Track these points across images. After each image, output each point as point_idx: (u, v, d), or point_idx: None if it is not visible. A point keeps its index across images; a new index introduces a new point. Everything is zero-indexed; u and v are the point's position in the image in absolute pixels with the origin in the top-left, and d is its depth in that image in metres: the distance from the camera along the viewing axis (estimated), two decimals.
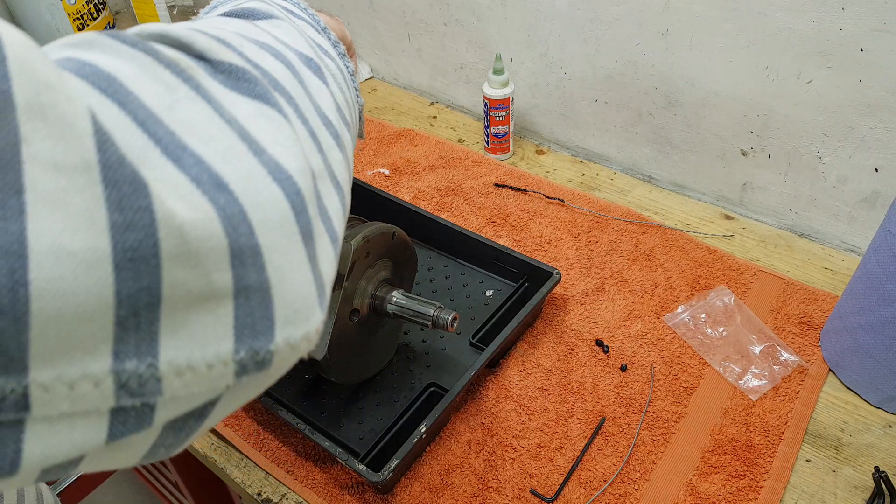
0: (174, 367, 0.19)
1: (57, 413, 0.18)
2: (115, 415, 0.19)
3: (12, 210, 0.16)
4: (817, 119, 0.81)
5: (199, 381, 0.20)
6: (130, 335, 0.18)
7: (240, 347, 0.21)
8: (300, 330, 0.23)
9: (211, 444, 0.71)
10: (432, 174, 1.02)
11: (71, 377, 0.17)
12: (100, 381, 0.18)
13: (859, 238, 0.86)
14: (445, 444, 0.69)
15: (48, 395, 0.17)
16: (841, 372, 0.71)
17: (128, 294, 0.18)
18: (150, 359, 0.19)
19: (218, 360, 0.20)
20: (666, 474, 0.65)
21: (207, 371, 0.20)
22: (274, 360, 0.22)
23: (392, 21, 1.20)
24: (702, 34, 0.84)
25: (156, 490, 1.42)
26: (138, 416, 0.19)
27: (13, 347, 0.16)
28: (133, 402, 0.19)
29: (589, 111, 1.02)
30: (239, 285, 0.21)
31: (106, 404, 0.18)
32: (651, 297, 0.81)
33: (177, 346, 0.19)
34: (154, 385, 0.19)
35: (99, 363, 0.18)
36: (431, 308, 0.65)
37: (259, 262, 0.21)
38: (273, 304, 0.22)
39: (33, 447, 0.18)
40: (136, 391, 0.19)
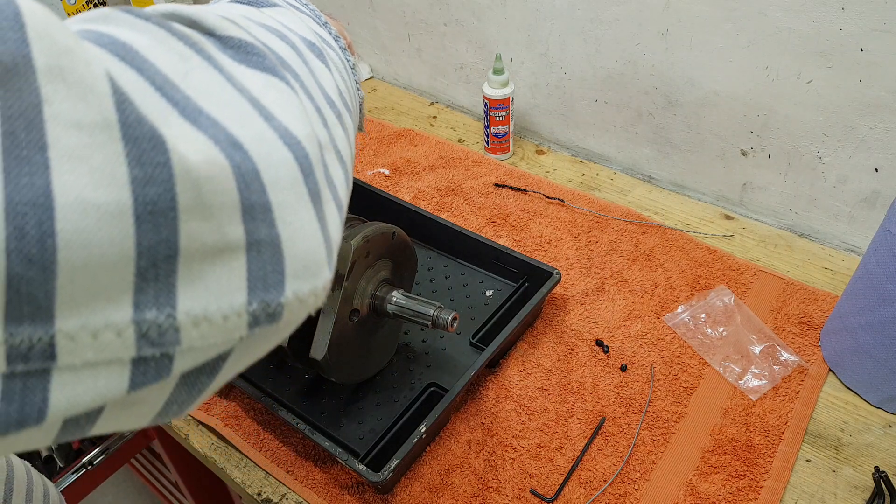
0: (191, 317, 0.20)
1: (81, 362, 0.18)
2: (136, 365, 0.20)
3: (37, 165, 0.17)
4: (817, 119, 0.81)
5: (215, 331, 0.21)
6: (150, 286, 0.19)
7: (252, 299, 0.22)
8: (309, 284, 0.24)
9: (211, 444, 0.71)
10: (432, 174, 1.02)
11: (95, 326, 0.18)
12: (122, 330, 0.19)
13: (859, 238, 0.86)
14: (445, 444, 0.69)
15: (73, 345, 0.18)
16: (841, 372, 0.71)
17: (148, 245, 0.19)
18: (168, 309, 0.20)
19: (232, 312, 0.21)
20: (666, 474, 0.65)
21: (223, 322, 0.21)
22: (284, 313, 0.23)
23: (392, 21, 1.20)
24: (702, 34, 0.84)
25: (156, 490, 1.42)
26: (158, 367, 0.20)
27: (41, 297, 0.17)
28: (153, 351, 0.20)
29: (589, 111, 1.02)
30: (251, 239, 0.22)
31: (128, 354, 0.19)
32: (651, 297, 0.81)
33: (194, 298, 0.20)
34: (173, 335, 0.20)
35: (121, 313, 0.19)
36: (431, 308, 0.65)
37: (270, 217, 0.22)
38: (284, 259, 0.23)
39: (59, 396, 0.18)
40: (156, 341, 0.20)
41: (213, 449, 0.71)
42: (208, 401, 0.74)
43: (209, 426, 0.72)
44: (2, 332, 0.17)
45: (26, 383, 0.18)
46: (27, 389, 0.18)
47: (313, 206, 0.25)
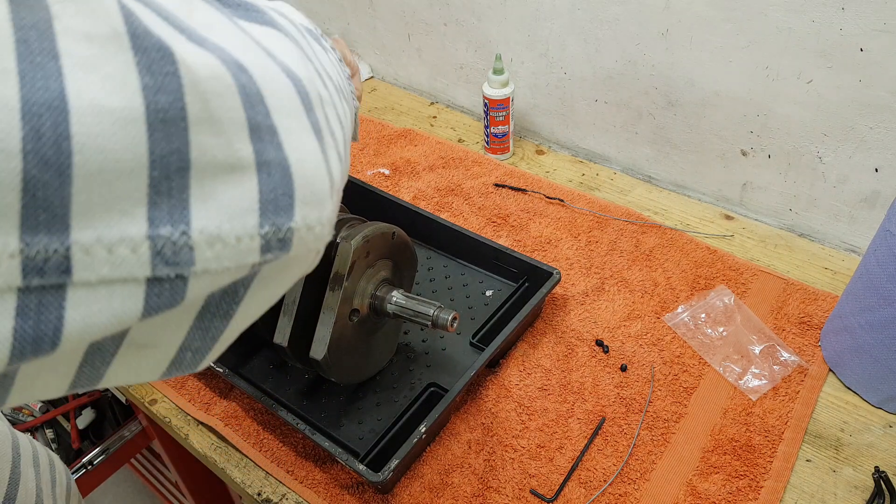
0: (206, 236, 0.20)
1: (97, 278, 0.18)
2: (151, 285, 0.20)
3: (51, 71, 0.17)
4: (817, 119, 0.81)
5: (229, 253, 0.21)
6: (164, 200, 0.19)
7: (264, 222, 0.22)
8: (316, 212, 0.24)
9: (211, 445, 0.71)
10: (432, 174, 1.02)
11: (110, 240, 0.18)
12: (137, 246, 0.19)
13: (859, 238, 0.86)
14: (445, 444, 0.69)
15: (89, 259, 0.18)
16: (841, 372, 0.71)
17: (160, 154, 0.19)
18: (183, 226, 0.20)
19: (245, 233, 0.21)
20: (666, 474, 0.65)
21: (236, 243, 0.21)
22: (294, 240, 0.23)
23: (392, 21, 1.20)
24: (702, 34, 0.84)
25: (156, 490, 1.42)
26: (172, 290, 0.20)
27: (56, 203, 0.17)
28: (168, 271, 0.20)
29: (589, 111, 1.02)
30: (260, 159, 0.22)
31: (143, 272, 0.19)
32: (651, 297, 0.81)
33: (207, 216, 0.20)
34: (187, 254, 0.20)
35: (136, 227, 0.19)
36: (431, 308, 0.65)
37: (276, 140, 0.23)
38: (293, 182, 0.23)
39: (74, 315, 0.18)
40: (171, 259, 0.20)
41: (213, 449, 0.71)
42: (208, 401, 0.74)
43: (209, 426, 0.72)
44: (18, 241, 0.17)
45: (42, 299, 0.18)
46: (42, 306, 0.18)
47: (316, 139, 0.25)
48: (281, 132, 0.23)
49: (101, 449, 1.10)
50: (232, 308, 0.24)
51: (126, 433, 1.11)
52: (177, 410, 0.74)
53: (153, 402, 0.75)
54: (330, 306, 0.63)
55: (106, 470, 1.11)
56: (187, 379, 0.76)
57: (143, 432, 1.12)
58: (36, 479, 0.55)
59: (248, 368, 0.77)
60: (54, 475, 0.59)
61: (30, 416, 1.19)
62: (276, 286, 0.25)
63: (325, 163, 0.25)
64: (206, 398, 0.74)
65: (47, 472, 0.58)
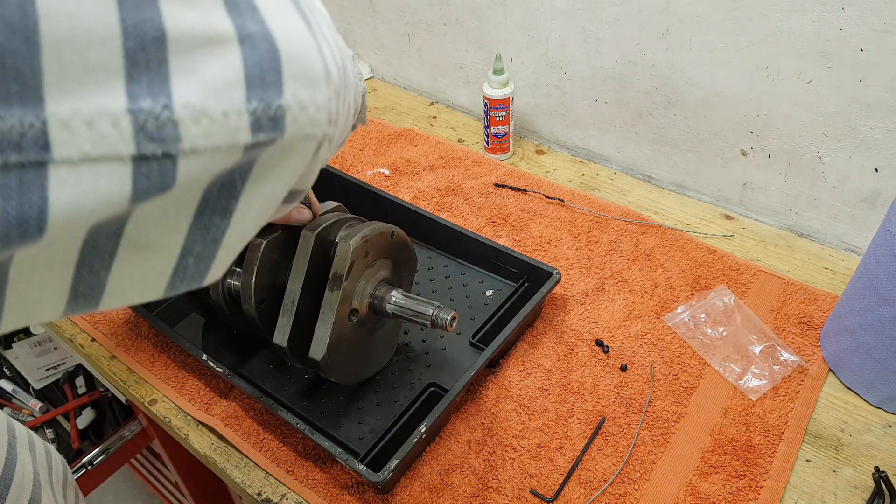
0: (189, 110, 0.20)
1: (79, 155, 0.18)
2: (138, 164, 0.19)
3: None
4: (817, 119, 0.81)
5: (216, 130, 0.20)
6: (142, 73, 0.19)
7: (251, 97, 0.21)
8: (308, 90, 0.23)
9: (211, 445, 0.71)
10: (432, 174, 1.02)
11: (88, 113, 0.18)
12: (117, 119, 0.18)
13: (859, 238, 0.86)
14: (445, 444, 0.69)
15: (67, 133, 0.18)
16: (841, 372, 0.71)
17: (132, 23, 0.18)
18: (164, 99, 0.19)
19: (232, 109, 0.21)
20: (666, 474, 0.65)
21: (223, 119, 0.21)
22: (286, 119, 0.22)
23: (392, 21, 1.20)
24: (702, 34, 0.84)
25: (156, 490, 1.42)
26: (161, 169, 0.20)
27: (27, 73, 0.17)
28: (153, 148, 0.19)
29: (589, 111, 1.02)
30: (241, 32, 0.21)
31: (127, 149, 0.19)
32: (651, 297, 0.81)
33: (189, 90, 0.20)
34: (172, 129, 0.19)
35: (115, 100, 0.18)
36: (431, 308, 0.65)
37: (258, 16, 0.22)
38: (280, 57, 0.22)
39: (59, 194, 0.18)
40: (155, 135, 0.19)
41: (213, 449, 0.71)
42: (208, 401, 0.74)
43: (209, 426, 0.72)
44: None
45: (22, 178, 0.17)
46: (24, 185, 0.17)
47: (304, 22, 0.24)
48: (261, 9, 0.22)
49: (101, 449, 1.10)
50: (231, 204, 0.23)
51: (126, 433, 1.11)
52: (177, 410, 0.74)
53: (153, 402, 0.75)
54: (329, 306, 0.63)
55: (106, 470, 1.11)
56: (187, 379, 0.76)
57: (143, 432, 1.12)
58: (33, 462, 0.54)
59: (248, 368, 0.77)
60: (51, 463, 0.58)
61: (30, 416, 1.19)
62: (275, 180, 0.24)
63: (316, 44, 0.24)
64: (206, 398, 0.75)
65: (44, 458, 0.57)
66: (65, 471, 0.62)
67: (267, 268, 0.67)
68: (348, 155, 1.08)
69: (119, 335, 0.82)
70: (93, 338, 0.82)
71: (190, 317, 0.84)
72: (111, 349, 0.81)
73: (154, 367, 0.78)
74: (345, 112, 0.27)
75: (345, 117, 0.28)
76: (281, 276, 0.69)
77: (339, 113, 0.26)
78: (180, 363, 0.78)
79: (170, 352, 0.80)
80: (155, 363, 0.79)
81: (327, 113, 0.24)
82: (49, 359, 1.27)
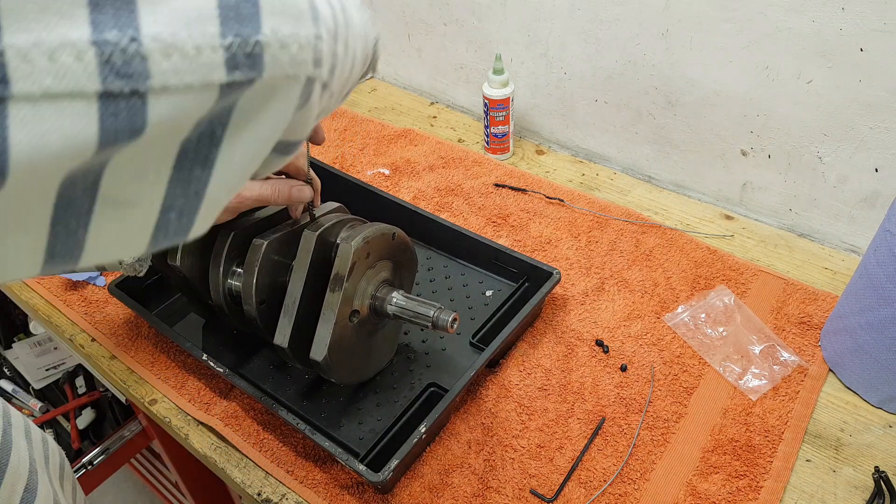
0: (159, 43, 0.18)
1: (40, 90, 0.17)
2: (104, 102, 0.18)
3: None
4: (817, 119, 0.81)
5: (189, 66, 0.19)
6: (107, 2, 0.18)
7: (226, 31, 0.20)
8: (290, 26, 0.22)
9: (211, 444, 0.71)
10: (432, 174, 1.02)
11: (49, 45, 0.17)
12: (81, 52, 0.17)
13: (859, 238, 0.86)
14: (445, 444, 0.69)
15: (28, 66, 0.17)
16: (841, 372, 0.71)
17: None
18: (131, 31, 0.18)
19: (205, 43, 0.19)
20: (666, 474, 0.65)
21: (196, 54, 0.19)
22: (265, 57, 0.21)
23: (392, 21, 1.20)
24: (702, 34, 0.84)
25: (156, 490, 1.42)
26: (130, 109, 0.19)
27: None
28: (120, 84, 0.18)
29: (589, 111, 1.02)
30: None
31: (91, 84, 0.18)
32: (651, 297, 0.81)
33: (158, 21, 0.18)
34: (140, 64, 0.18)
35: (77, 31, 0.17)
36: (431, 309, 0.65)
37: None
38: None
39: (20, 134, 0.17)
40: (122, 70, 0.18)
41: (213, 449, 0.71)
42: (208, 401, 0.74)
43: (209, 426, 0.72)
44: None
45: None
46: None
47: None
48: None
49: (101, 449, 1.10)
50: (211, 153, 0.21)
51: (126, 433, 1.11)
52: (177, 410, 0.74)
53: (153, 402, 0.75)
54: (330, 307, 0.63)
55: (106, 470, 1.12)
56: (187, 379, 0.76)
57: (143, 432, 1.12)
58: (29, 450, 0.53)
59: (248, 368, 0.77)
60: (47, 452, 0.58)
61: (30, 416, 1.19)
62: (259, 127, 0.23)
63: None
64: (206, 398, 0.75)
65: (40, 447, 0.56)
66: (62, 462, 0.61)
67: (268, 268, 0.67)
68: (348, 155, 1.08)
69: (119, 335, 0.82)
70: (93, 338, 0.82)
71: (190, 317, 0.84)
72: (111, 349, 0.81)
73: (154, 367, 0.78)
74: (343, 56, 0.26)
75: (344, 62, 0.26)
76: (282, 277, 0.69)
77: (336, 56, 0.25)
78: (180, 363, 0.78)
79: (170, 352, 0.80)
80: (155, 363, 0.79)
81: (313, 52, 0.23)
82: (49, 359, 1.27)
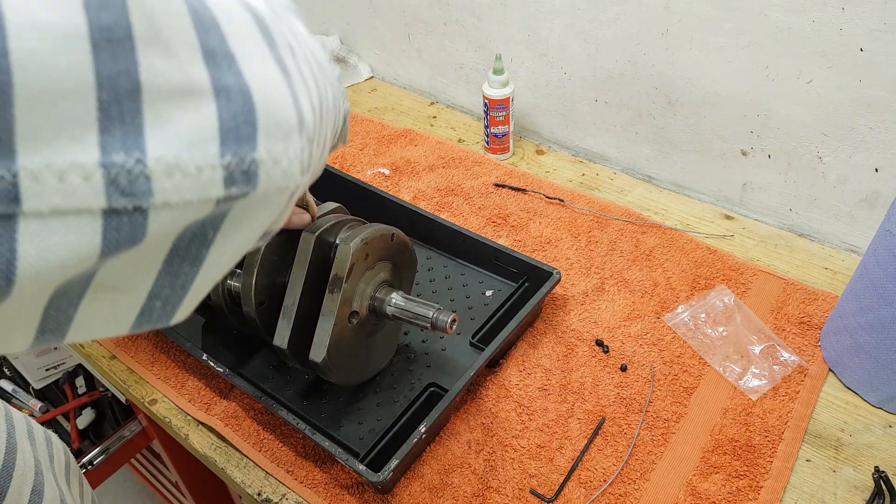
0: (162, 164, 0.19)
1: (49, 208, 0.18)
2: (108, 218, 0.19)
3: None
4: (817, 119, 0.81)
5: (189, 184, 0.20)
6: (115, 126, 0.19)
7: (225, 151, 0.21)
8: (281, 145, 0.23)
9: (211, 445, 0.71)
10: (432, 174, 1.02)
11: (60, 167, 0.18)
12: (89, 173, 0.18)
13: (859, 238, 0.86)
14: (445, 444, 0.69)
15: (38, 186, 0.17)
16: (841, 372, 0.71)
17: (107, 75, 0.18)
18: (137, 153, 0.19)
19: (205, 163, 0.20)
20: (666, 474, 0.65)
21: (196, 174, 0.20)
22: (259, 173, 0.22)
23: (392, 21, 1.20)
24: (702, 34, 0.84)
25: (156, 490, 1.42)
26: (132, 223, 0.19)
27: (0, 125, 0.17)
28: (125, 202, 0.19)
29: (589, 111, 1.02)
30: (217, 84, 0.21)
31: (97, 203, 0.18)
32: (651, 297, 0.81)
33: (163, 143, 0.19)
34: (144, 184, 0.19)
35: (87, 154, 0.18)
36: (430, 310, 0.65)
37: (235, 67, 0.22)
38: (255, 110, 0.22)
39: (28, 248, 0.18)
40: (127, 189, 0.19)
41: (213, 449, 0.71)
42: (208, 401, 0.74)
43: (209, 426, 0.72)
44: None
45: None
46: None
47: (280, 72, 0.24)
48: (239, 60, 0.22)
49: (101, 449, 1.10)
50: (202, 253, 0.23)
51: (126, 433, 1.11)
52: (177, 410, 0.74)
53: (153, 402, 0.75)
54: (329, 308, 0.63)
55: (106, 470, 1.12)
56: (187, 379, 0.76)
57: (143, 432, 1.12)
58: (33, 451, 0.53)
59: (248, 368, 0.77)
60: (52, 451, 0.58)
61: (30, 415, 1.19)
62: (247, 230, 0.24)
63: (291, 93, 0.24)
64: (206, 398, 0.75)
65: (44, 447, 0.57)
66: (68, 459, 0.61)
67: (267, 269, 0.67)
68: (348, 155, 1.08)
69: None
70: None
71: (190, 317, 0.84)
72: (111, 349, 0.81)
73: (154, 367, 0.78)
74: (319, 152, 0.27)
75: (319, 156, 0.28)
76: (281, 278, 0.69)
77: (313, 157, 0.26)
78: (180, 363, 0.78)
79: (170, 352, 0.80)
80: (155, 363, 0.79)
81: (300, 164, 0.24)
82: (49, 359, 1.27)
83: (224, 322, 0.82)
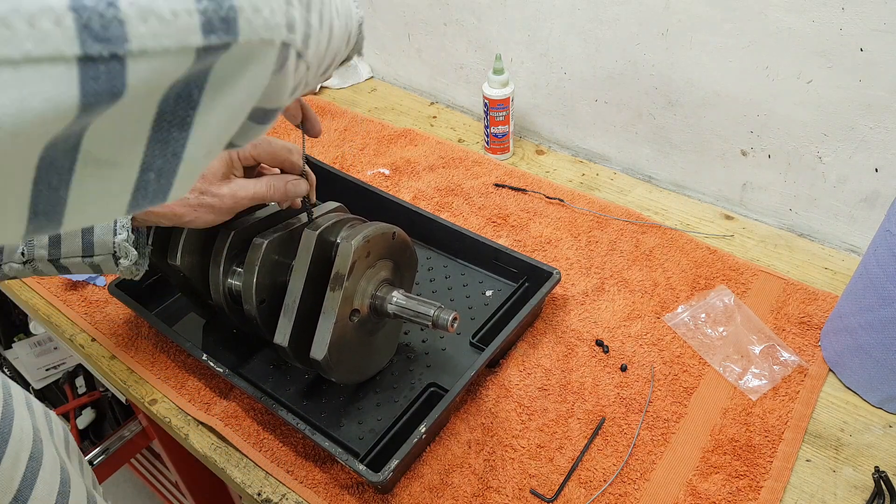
0: (136, 7, 0.19)
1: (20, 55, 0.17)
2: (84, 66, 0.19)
3: None
4: (817, 119, 0.81)
5: (166, 30, 0.20)
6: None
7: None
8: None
9: (211, 444, 0.71)
10: (432, 174, 1.02)
11: (29, 10, 0.17)
12: (59, 17, 0.18)
13: (859, 238, 0.86)
14: (445, 444, 0.69)
15: (9, 32, 0.17)
16: (841, 372, 0.71)
17: None
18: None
19: (181, 6, 0.20)
20: (666, 474, 0.65)
21: (172, 18, 0.20)
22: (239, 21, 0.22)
23: (392, 21, 1.20)
24: (702, 34, 0.84)
25: (156, 490, 1.42)
26: (109, 72, 0.19)
27: None
28: (99, 48, 0.19)
29: (589, 111, 1.02)
30: None
31: (71, 49, 0.18)
32: (651, 297, 0.81)
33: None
34: (118, 28, 0.19)
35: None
36: (431, 308, 0.65)
37: None
38: None
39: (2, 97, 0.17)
40: (100, 34, 0.19)
41: (213, 449, 0.71)
42: (208, 401, 0.74)
43: (209, 426, 0.72)
44: None
45: None
46: None
47: None
48: None
49: (101, 449, 1.10)
50: (189, 115, 0.22)
51: (126, 433, 1.11)
52: (177, 410, 0.74)
53: (153, 402, 0.75)
54: (330, 306, 0.63)
55: (106, 470, 1.12)
56: (187, 379, 0.76)
57: (143, 432, 1.12)
58: (31, 419, 0.53)
59: (248, 368, 0.77)
60: (51, 424, 0.57)
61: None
62: (234, 90, 0.23)
63: None
64: (206, 398, 0.75)
65: (43, 418, 0.56)
66: (66, 435, 0.61)
67: (268, 268, 0.67)
68: (348, 155, 1.08)
69: (119, 335, 0.82)
70: (93, 338, 0.82)
71: (190, 317, 0.84)
72: (111, 349, 0.81)
73: (154, 367, 0.78)
74: (318, 28, 0.27)
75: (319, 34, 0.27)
76: (282, 277, 0.69)
77: (309, 26, 0.25)
78: (180, 363, 0.78)
79: (170, 352, 0.80)
80: (155, 363, 0.79)
81: (285, 17, 0.23)
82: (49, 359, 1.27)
83: (224, 322, 0.82)
